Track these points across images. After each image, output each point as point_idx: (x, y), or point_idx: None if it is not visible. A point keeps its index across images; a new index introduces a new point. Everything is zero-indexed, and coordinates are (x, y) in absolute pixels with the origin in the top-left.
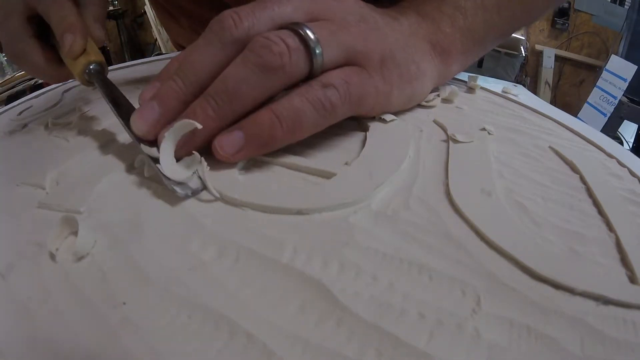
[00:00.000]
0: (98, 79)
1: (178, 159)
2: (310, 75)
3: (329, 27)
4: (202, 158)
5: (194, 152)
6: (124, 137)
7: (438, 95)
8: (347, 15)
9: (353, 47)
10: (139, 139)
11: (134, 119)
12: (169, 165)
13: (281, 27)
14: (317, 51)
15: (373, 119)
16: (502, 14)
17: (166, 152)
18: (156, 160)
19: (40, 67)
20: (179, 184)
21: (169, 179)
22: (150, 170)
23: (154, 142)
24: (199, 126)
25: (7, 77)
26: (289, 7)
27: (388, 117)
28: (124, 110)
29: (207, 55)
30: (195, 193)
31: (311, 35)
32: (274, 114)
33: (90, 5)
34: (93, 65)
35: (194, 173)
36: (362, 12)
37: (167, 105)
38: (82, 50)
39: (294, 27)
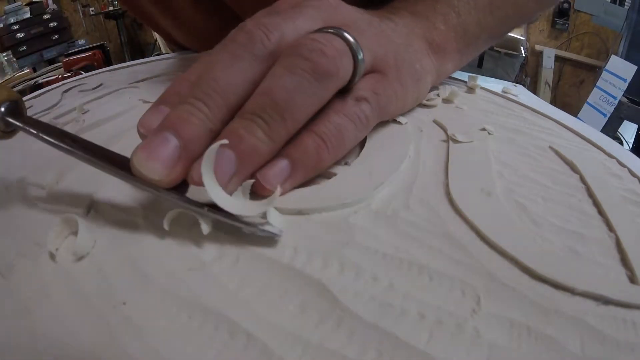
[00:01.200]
0: (20, 121)
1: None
2: (349, 83)
3: (353, 33)
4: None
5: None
6: (123, 136)
7: (438, 95)
8: (356, 21)
9: (376, 52)
10: (152, 187)
11: (141, 159)
12: (229, 201)
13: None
14: (360, 56)
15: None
16: (495, 15)
17: (215, 187)
18: (207, 205)
19: None
20: (254, 223)
21: (245, 222)
22: (208, 221)
23: (177, 188)
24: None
25: (7, 77)
26: (306, 16)
27: (402, 119)
28: (95, 149)
29: (236, 71)
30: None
31: (351, 39)
32: (318, 137)
33: None
34: (5, 105)
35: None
36: (365, 17)
37: (188, 136)
38: None
39: (334, 31)
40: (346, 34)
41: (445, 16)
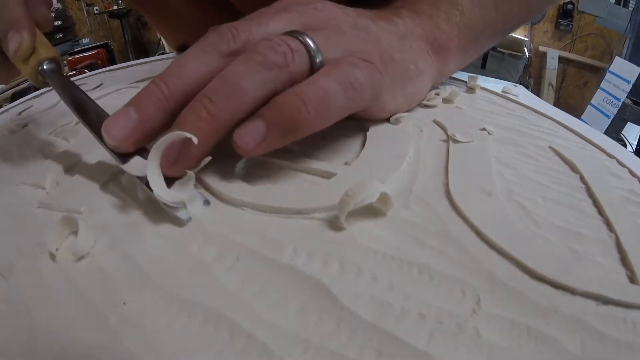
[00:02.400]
0: (54, 79)
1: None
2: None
3: (324, 34)
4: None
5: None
6: None
7: (438, 95)
8: (339, 23)
9: (351, 50)
10: (116, 153)
11: (105, 128)
12: (161, 188)
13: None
14: (318, 59)
15: (376, 120)
16: (499, 11)
17: (154, 172)
18: (144, 180)
19: None
20: (178, 206)
21: (167, 204)
22: (143, 193)
23: (130, 155)
24: (193, 138)
25: None
26: (282, 22)
27: (403, 119)
28: (92, 115)
29: (199, 61)
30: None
31: (310, 42)
32: (298, 97)
33: None
34: (46, 63)
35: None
36: (351, 19)
37: (145, 112)
38: (31, 51)
39: (294, 34)
40: (307, 38)
41: (448, 14)
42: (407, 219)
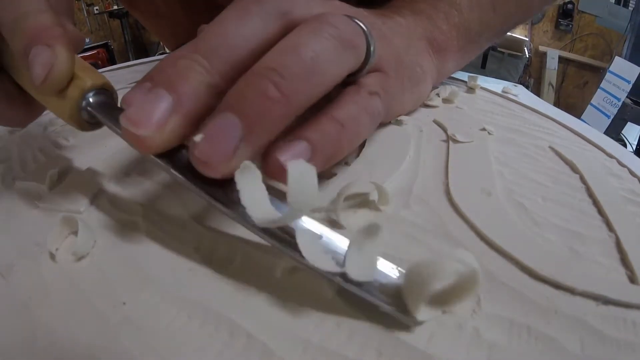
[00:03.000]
0: (109, 116)
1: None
2: (355, 73)
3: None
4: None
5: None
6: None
7: (438, 95)
8: None
9: (378, 52)
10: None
11: (129, 114)
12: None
13: None
14: (372, 46)
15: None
16: (497, 12)
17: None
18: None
19: None
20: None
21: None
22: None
23: (172, 157)
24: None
25: None
26: (318, 2)
27: (403, 119)
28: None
29: (245, 25)
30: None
31: (364, 27)
32: (338, 122)
33: None
34: (92, 95)
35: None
36: (366, 18)
37: (182, 90)
38: (70, 76)
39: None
40: (359, 22)
41: (447, 14)
42: (407, 218)
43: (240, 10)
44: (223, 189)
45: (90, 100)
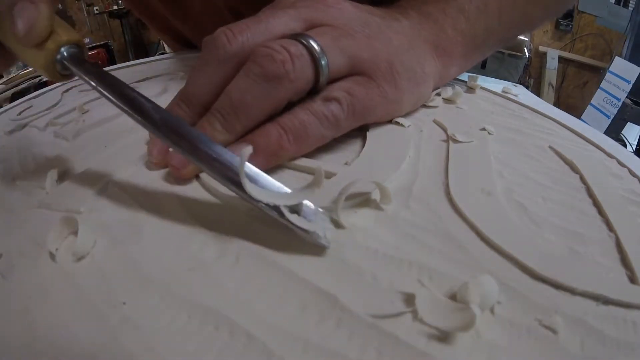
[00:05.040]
0: (81, 68)
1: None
2: (317, 86)
3: (331, 33)
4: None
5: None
6: (124, 136)
7: (438, 95)
8: (349, 21)
9: (358, 55)
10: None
11: (148, 150)
12: (298, 218)
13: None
14: (323, 62)
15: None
16: (502, 21)
17: (284, 199)
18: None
19: None
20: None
21: (306, 231)
22: (266, 213)
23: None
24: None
25: (12, 75)
26: (284, 17)
27: (404, 121)
28: (151, 112)
29: (205, 75)
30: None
31: (315, 45)
32: (280, 126)
33: None
34: (66, 49)
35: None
36: (363, 16)
37: None
38: (49, 31)
39: (296, 37)
40: (310, 40)
41: (454, 20)
42: (407, 218)
43: (201, 62)
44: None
45: (65, 53)
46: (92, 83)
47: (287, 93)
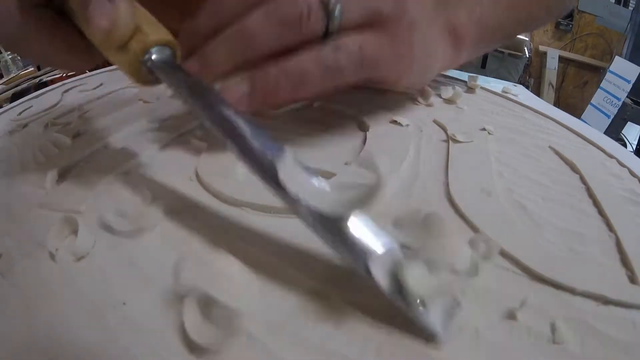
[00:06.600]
0: (170, 75)
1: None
2: (327, 35)
3: None
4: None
5: None
6: (123, 136)
7: (439, 95)
8: None
9: (379, 9)
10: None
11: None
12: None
13: None
14: (336, 13)
15: (376, 120)
16: (510, 17)
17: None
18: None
19: (52, 59)
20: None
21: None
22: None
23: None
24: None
25: (12, 75)
26: None
27: (403, 121)
28: (241, 133)
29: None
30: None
31: (333, 1)
32: (281, 69)
33: None
34: (156, 50)
35: None
36: None
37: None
38: (132, 30)
39: None
40: None
41: (470, 9)
42: (407, 219)
43: None
44: None
45: (153, 57)
46: (182, 96)
47: (293, 42)
